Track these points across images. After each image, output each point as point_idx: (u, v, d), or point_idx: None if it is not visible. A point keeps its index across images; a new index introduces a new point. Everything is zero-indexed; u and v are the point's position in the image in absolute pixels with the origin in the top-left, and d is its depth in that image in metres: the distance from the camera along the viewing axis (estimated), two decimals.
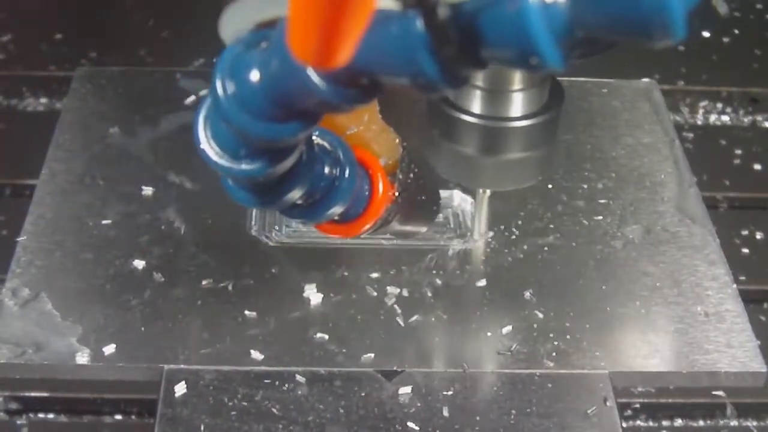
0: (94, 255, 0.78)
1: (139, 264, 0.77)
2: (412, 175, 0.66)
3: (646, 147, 0.91)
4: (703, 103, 1.05)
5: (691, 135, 1.00)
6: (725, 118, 1.04)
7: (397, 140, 0.67)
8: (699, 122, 1.03)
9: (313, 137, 0.57)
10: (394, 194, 0.64)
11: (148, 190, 0.83)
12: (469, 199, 0.85)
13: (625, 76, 0.99)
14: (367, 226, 0.62)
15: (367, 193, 0.62)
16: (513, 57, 0.39)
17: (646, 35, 0.39)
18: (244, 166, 0.50)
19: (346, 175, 0.58)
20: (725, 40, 1.13)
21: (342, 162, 0.58)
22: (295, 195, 0.55)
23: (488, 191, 0.78)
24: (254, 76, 0.45)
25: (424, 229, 0.73)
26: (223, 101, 0.46)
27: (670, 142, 0.92)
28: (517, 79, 0.68)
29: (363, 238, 0.81)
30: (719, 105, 1.05)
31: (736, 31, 1.14)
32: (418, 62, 0.40)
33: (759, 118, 1.04)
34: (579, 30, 0.39)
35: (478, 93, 0.69)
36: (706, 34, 1.14)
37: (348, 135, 0.63)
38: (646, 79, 0.99)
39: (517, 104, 0.69)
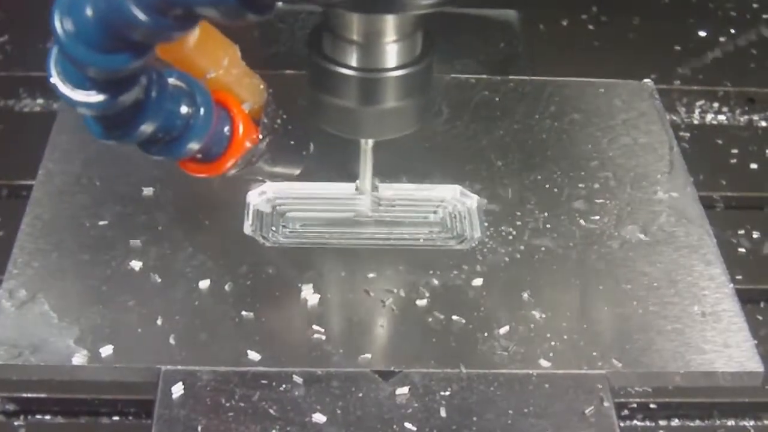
0: (91, 256, 0.78)
1: (136, 265, 0.77)
2: (279, 120, 0.72)
3: (642, 147, 0.91)
4: (699, 103, 1.05)
5: (687, 135, 1.00)
6: (722, 118, 1.04)
7: (262, 86, 0.72)
8: (695, 122, 1.03)
9: (171, 80, 0.63)
10: (257, 137, 0.69)
11: (145, 191, 0.83)
12: (467, 200, 0.85)
13: (622, 76, 0.99)
14: (229, 164, 0.68)
15: (228, 133, 0.68)
16: None
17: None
18: (90, 99, 0.55)
19: (201, 114, 0.64)
20: (722, 39, 1.13)
21: (198, 102, 0.64)
22: (147, 129, 0.61)
23: (371, 142, 0.81)
24: (88, 11, 0.50)
25: (296, 172, 0.78)
26: (61, 36, 0.51)
27: (667, 142, 0.92)
28: (390, 31, 0.71)
29: (361, 237, 0.82)
30: (716, 105, 1.05)
31: (733, 31, 1.14)
32: None
33: (755, 117, 1.04)
34: None
35: (353, 46, 0.72)
36: (702, 34, 1.14)
37: (208, 79, 0.68)
38: (643, 80, 0.99)
39: (392, 55, 0.72)
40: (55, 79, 0.55)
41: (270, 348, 0.72)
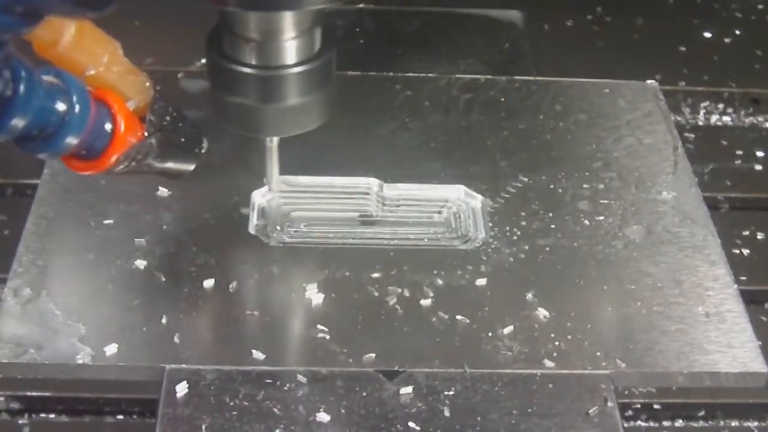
0: (96, 255, 0.78)
1: (141, 264, 0.77)
2: (168, 118, 0.72)
3: (647, 147, 0.91)
4: (704, 104, 1.05)
5: (692, 135, 1.00)
6: (726, 119, 1.04)
7: (148, 83, 0.72)
8: (700, 123, 1.03)
9: (47, 77, 0.64)
10: (142, 134, 0.70)
11: (149, 190, 0.83)
12: (471, 200, 0.85)
13: (627, 77, 0.99)
14: (112, 160, 0.68)
15: (109, 130, 0.68)
16: None
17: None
18: None
19: (76, 110, 0.64)
20: (726, 40, 1.13)
21: (73, 99, 0.64)
22: (18, 125, 0.61)
23: (275, 139, 0.80)
24: None
25: (189, 168, 0.77)
26: None
27: (672, 143, 0.92)
28: (288, 28, 0.71)
29: (366, 237, 0.82)
30: (720, 106, 1.05)
31: (738, 32, 1.14)
32: None
33: (760, 118, 1.04)
34: None
35: (251, 44, 0.72)
36: (707, 34, 1.14)
37: (87, 76, 0.69)
38: (648, 80, 0.99)
39: (291, 52, 0.72)
40: None
41: (274, 347, 0.72)
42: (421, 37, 1.09)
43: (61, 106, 0.64)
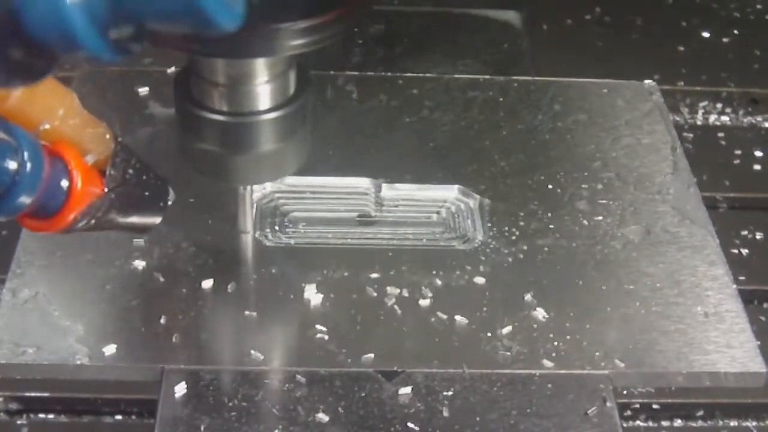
0: (95, 255, 0.78)
1: (140, 264, 0.77)
2: (130, 171, 0.67)
3: (646, 147, 0.91)
4: (702, 104, 1.05)
5: (691, 135, 1.00)
6: (725, 119, 1.04)
7: (108, 135, 0.66)
8: (699, 123, 1.03)
9: None
10: (102, 189, 0.64)
11: None
12: (470, 200, 0.85)
13: (626, 77, 0.99)
14: (70, 219, 0.63)
15: (65, 187, 0.62)
16: (63, 49, 0.41)
17: (192, 25, 0.41)
18: None
19: (28, 169, 0.59)
20: (725, 40, 1.13)
21: (24, 157, 0.59)
22: None
23: (248, 187, 0.77)
24: None
25: (156, 221, 0.72)
26: None
27: (670, 143, 0.92)
28: (260, 72, 0.67)
29: (364, 237, 0.82)
30: (719, 105, 1.05)
31: (736, 32, 1.14)
32: None
33: (759, 118, 1.04)
34: (124, 19, 0.41)
35: (221, 90, 0.68)
36: (705, 34, 1.14)
37: (41, 130, 0.63)
38: (646, 80, 0.99)
39: (264, 97, 0.68)
40: None
41: (273, 348, 0.72)
42: (420, 37, 1.09)
43: (11, 165, 0.58)
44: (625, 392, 0.75)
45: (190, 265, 0.77)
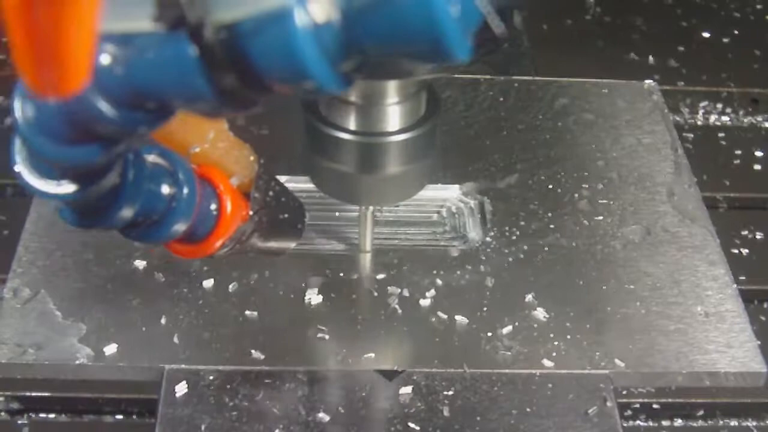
0: (95, 255, 0.78)
1: (140, 264, 0.77)
2: (271, 193, 0.65)
3: (646, 147, 0.91)
4: (703, 104, 1.05)
5: (691, 135, 1.00)
6: (725, 119, 1.04)
7: (252, 158, 0.65)
8: (699, 123, 1.03)
9: (150, 157, 0.56)
10: (247, 213, 0.63)
11: None
12: (470, 200, 0.85)
13: (626, 77, 0.99)
14: (217, 245, 0.62)
15: (215, 212, 0.61)
16: (288, 80, 0.39)
17: (426, 56, 0.39)
18: (59, 190, 0.49)
19: (185, 194, 0.57)
20: (725, 40, 1.13)
21: (180, 181, 0.57)
22: (126, 215, 0.54)
23: (371, 207, 0.76)
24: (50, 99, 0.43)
25: (291, 246, 0.71)
26: (22, 124, 0.45)
27: (671, 143, 0.92)
28: (393, 92, 0.66)
29: (355, 238, 0.82)
30: (719, 105, 1.05)
31: (736, 32, 1.14)
32: (195, 86, 0.39)
33: (759, 118, 1.04)
34: (355, 52, 0.39)
35: (352, 108, 0.67)
36: (705, 34, 1.14)
37: (193, 153, 0.62)
38: (646, 80, 0.99)
39: (394, 118, 0.67)
40: (19, 167, 0.49)
41: (274, 347, 0.72)
42: None
43: (166, 190, 0.57)
44: (625, 392, 0.75)
45: (191, 264, 0.77)
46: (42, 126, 0.45)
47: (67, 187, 0.49)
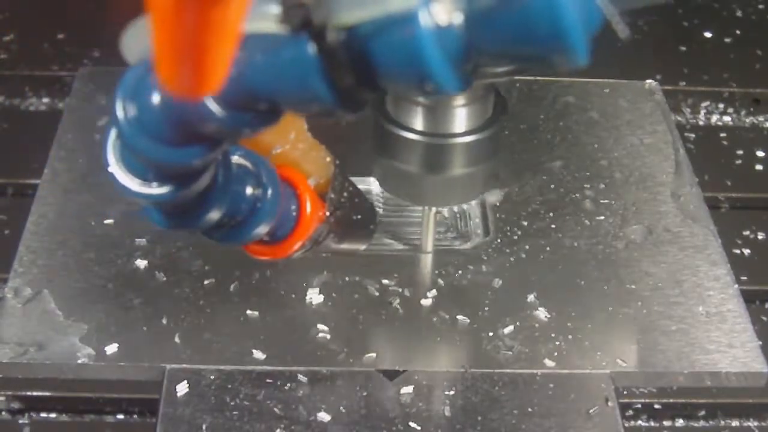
0: (97, 254, 0.78)
1: (142, 263, 0.77)
2: (345, 194, 0.65)
3: (648, 147, 0.91)
4: (704, 104, 1.05)
5: (692, 135, 1.00)
6: (727, 119, 1.04)
7: (329, 158, 0.66)
8: (701, 123, 1.03)
9: (234, 158, 0.56)
10: (324, 214, 0.63)
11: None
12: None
13: (628, 77, 0.99)
14: (296, 246, 0.62)
15: (294, 213, 0.61)
16: (409, 82, 0.39)
17: (546, 61, 0.39)
18: (154, 191, 0.49)
19: (269, 196, 0.58)
20: (727, 40, 1.13)
21: (264, 183, 0.58)
22: (213, 217, 0.54)
23: (434, 208, 0.77)
24: (155, 99, 0.44)
25: (362, 247, 0.72)
26: (123, 124, 0.45)
27: (672, 143, 0.92)
28: (461, 94, 0.66)
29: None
30: (721, 105, 1.05)
31: (738, 32, 1.14)
32: (313, 88, 0.40)
33: (761, 118, 1.04)
34: (476, 54, 0.39)
35: (419, 109, 0.67)
36: (707, 34, 1.14)
37: (274, 154, 0.62)
38: (648, 80, 0.99)
39: (461, 119, 0.68)
40: (113, 168, 0.49)
41: (275, 347, 0.72)
42: None
43: (250, 191, 0.57)
44: (626, 392, 0.75)
45: (192, 264, 0.77)
46: (146, 126, 0.45)
47: (163, 189, 0.49)
